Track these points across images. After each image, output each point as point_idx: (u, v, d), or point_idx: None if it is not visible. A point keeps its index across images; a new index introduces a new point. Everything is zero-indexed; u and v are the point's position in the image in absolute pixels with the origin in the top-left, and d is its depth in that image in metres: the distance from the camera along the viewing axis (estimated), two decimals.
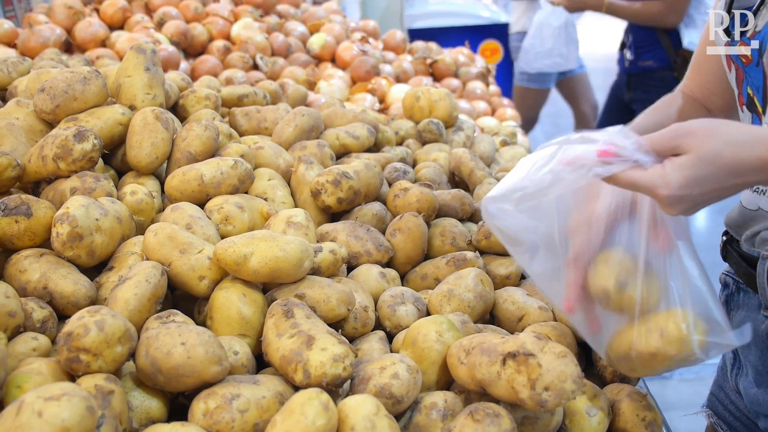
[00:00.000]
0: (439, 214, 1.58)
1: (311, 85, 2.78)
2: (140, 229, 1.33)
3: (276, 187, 1.52)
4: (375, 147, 1.91)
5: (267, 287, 1.21)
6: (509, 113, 2.92)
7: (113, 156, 1.52)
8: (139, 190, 1.35)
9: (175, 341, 0.95)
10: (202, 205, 1.38)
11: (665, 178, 0.92)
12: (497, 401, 0.99)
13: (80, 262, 1.19)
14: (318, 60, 3.09)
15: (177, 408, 1.03)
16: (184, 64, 2.75)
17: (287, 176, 1.60)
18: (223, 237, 1.30)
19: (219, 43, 2.88)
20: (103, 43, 2.73)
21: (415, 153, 1.96)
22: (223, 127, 1.64)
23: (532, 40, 4.21)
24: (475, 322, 1.25)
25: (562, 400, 0.92)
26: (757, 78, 1.21)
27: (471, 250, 1.47)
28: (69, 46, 2.67)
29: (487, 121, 2.66)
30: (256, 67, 2.82)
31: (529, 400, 0.93)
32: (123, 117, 1.45)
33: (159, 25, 2.88)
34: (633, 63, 3.64)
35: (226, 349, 1.02)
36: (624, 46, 3.74)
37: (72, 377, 0.95)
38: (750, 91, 1.24)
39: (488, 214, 1.06)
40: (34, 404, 0.79)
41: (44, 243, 1.22)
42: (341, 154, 1.80)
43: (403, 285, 1.44)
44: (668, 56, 3.49)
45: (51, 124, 1.47)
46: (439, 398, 1.03)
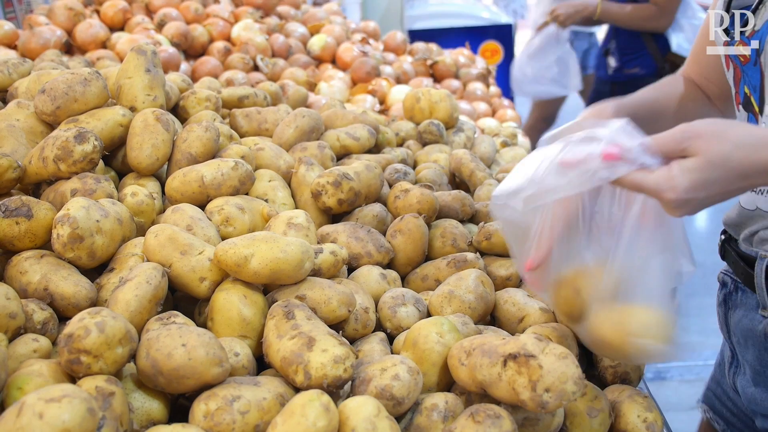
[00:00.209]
0: (440, 215, 1.58)
1: (312, 87, 2.78)
2: (141, 231, 1.33)
3: (276, 188, 1.52)
4: (375, 148, 1.91)
5: (268, 288, 1.21)
6: (510, 114, 2.92)
7: (114, 157, 1.52)
8: (139, 191, 1.35)
9: (176, 343, 0.95)
10: (202, 206, 1.38)
11: (672, 182, 0.91)
12: (498, 403, 0.99)
13: (81, 263, 1.19)
14: (318, 61, 3.09)
15: (178, 409, 1.04)
16: (185, 66, 2.75)
17: (288, 177, 1.60)
18: (223, 238, 1.30)
19: (219, 45, 2.88)
20: (104, 45, 2.74)
21: (415, 154, 1.96)
22: (224, 128, 1.64)
23: (524, 68, 3.83)
24: (475, 323, 1.25)
25: (562, 402, 0.92)
26: (755, 77, 1.21)
27: (472, 252, 1.47)
28: (69, 48, 2.68)
29: (487, 122, 2.66)
30: (256, 68, 2.82)
31: (530, 401, 0.92)
32: (123, 118, 1.45)
33: (159, 27, 2.88)
34: (618, 70, 3.50)
35: (226, 350, 1.02)
36: (607, 53, 3.62)
37: (73, 379, 0.95)
38: (747, 90, 1.24)
39: (497, 208, 1.08)
40: (35, 406, 0.79)
41: (45, 244, 1.22)
42: (342, 155, 1.80)
43: (403, 286, 1.44)
44: (656, 62, 3.38)
45: (51, 126, 1.47)
46: (440, 399, 1.03)
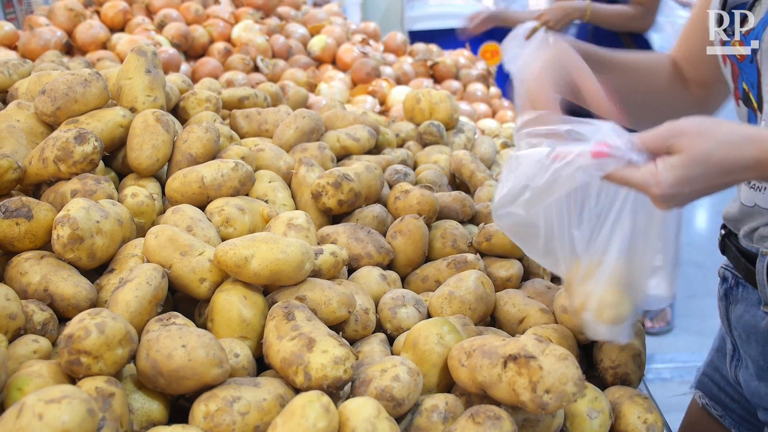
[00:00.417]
0: (440, 216, 1.58)
1: (312, 87, 2.79)
2: (141, 232, 1.33)
3: (277, 189, 1.52)
4: (376, 149, 1.91)
5: (268, 289, 1.21)
6: (510, 115, 2.92)
7: (114, 158, 1.52)
8: (139, 192, 1.35)
9: (176, 344, 0.95)
10: (202, 207, 1.38)
11: (657, 178, 0.95)
12: (498, 404, 0.99)
13: (81, 264, 1.19)
14: (318, 62, 3.09)
15: (178, 410, 1.03)
16: (185, 66, 2.76)
17: (288, 178, 1.60)
18: (223, 239, 1.30)
19: (220, 45, 2.89)
20: (104, 45, 2.74)
21: (415, 155, 1.96)
22: (224, 129, 1.64)
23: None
24: (475, 324, 1.25)
25: (563, 403, 0.92)
26: (752, 74, 1.22)
27: (472, 252, 1.47)
28: (70, 48, 2.68)
29: (487, 123, 2.67)
30: (256, 69, 2.82)
31: (530, 402, 0.92)
32: (124, 119, 1.45)
33: (160, 27, 2.88)
34: None
35: (226, 351, 1.02)
36: None
37: (73, 380, 0.95)
38: (745, 86, 1.25)
39: (499, 218, 1.13)
40: (35, 407, 0.79)
41: (45, 245, 1.22)
42: (342, 156, 1.80)
43: (403, 287, 1.44)
44: None
45: (52, 127, 1.47)
46: (440, 401, 1.03)
